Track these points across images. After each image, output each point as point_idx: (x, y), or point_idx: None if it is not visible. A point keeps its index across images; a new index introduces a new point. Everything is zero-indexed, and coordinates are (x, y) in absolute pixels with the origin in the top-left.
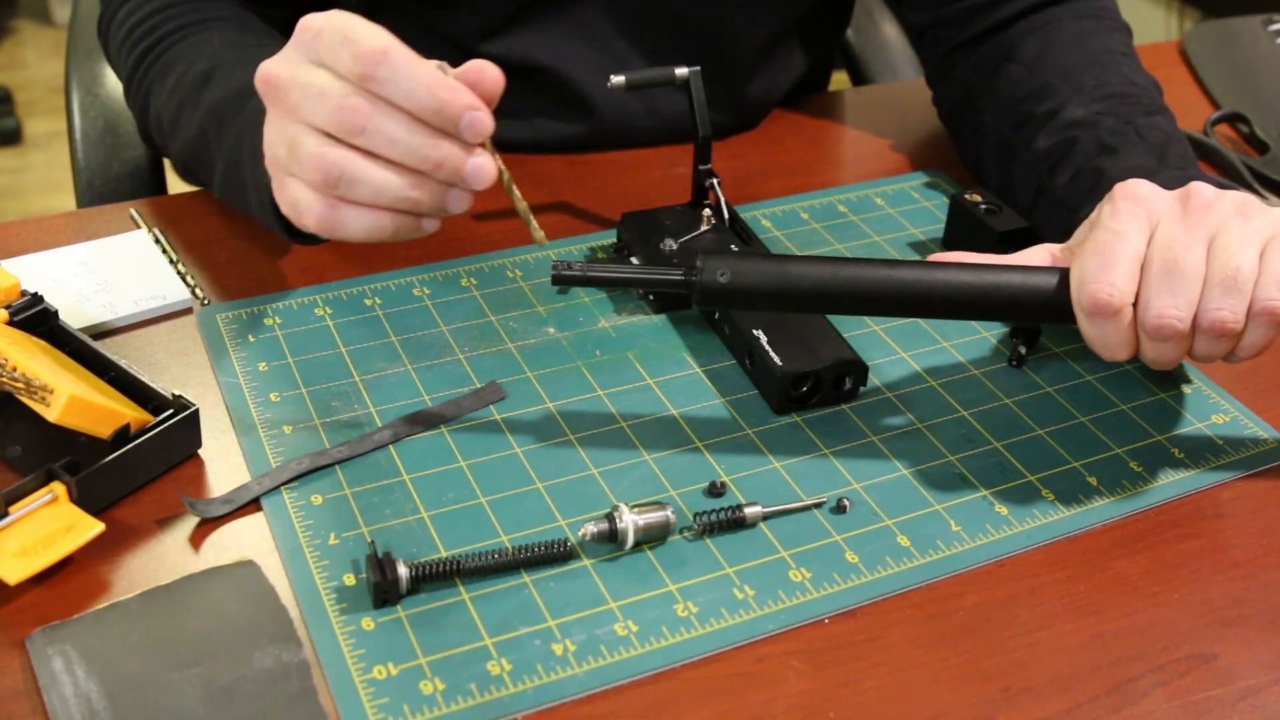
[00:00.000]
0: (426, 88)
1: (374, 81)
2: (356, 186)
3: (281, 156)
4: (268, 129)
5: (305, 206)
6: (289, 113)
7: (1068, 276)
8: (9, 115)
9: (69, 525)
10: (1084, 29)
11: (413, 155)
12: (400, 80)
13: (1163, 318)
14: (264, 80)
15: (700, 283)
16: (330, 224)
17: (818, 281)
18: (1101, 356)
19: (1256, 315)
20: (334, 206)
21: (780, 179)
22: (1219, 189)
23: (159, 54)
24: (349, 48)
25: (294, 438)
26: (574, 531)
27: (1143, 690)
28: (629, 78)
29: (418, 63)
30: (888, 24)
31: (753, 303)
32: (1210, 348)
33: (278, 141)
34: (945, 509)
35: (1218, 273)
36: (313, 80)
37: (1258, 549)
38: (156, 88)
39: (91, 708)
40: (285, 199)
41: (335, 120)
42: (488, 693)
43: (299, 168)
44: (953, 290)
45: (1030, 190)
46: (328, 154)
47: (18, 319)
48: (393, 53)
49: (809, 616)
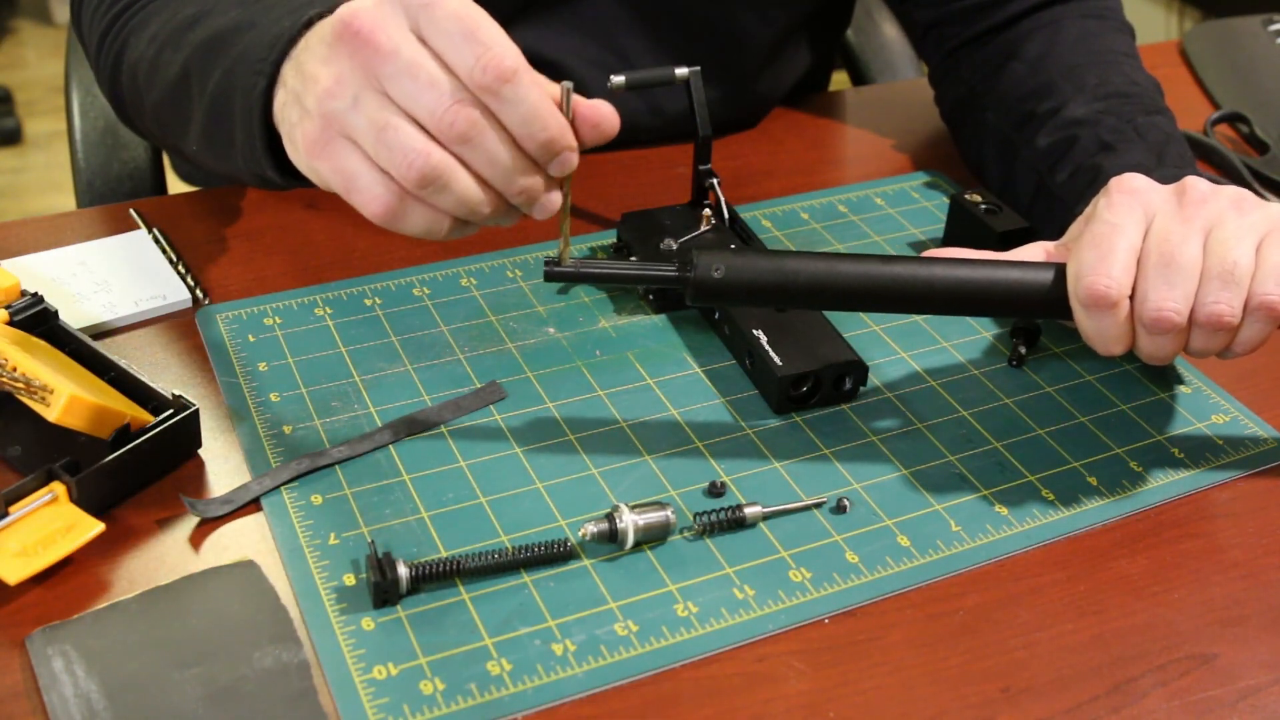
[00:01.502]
0: (543, 121)
1: (495, 98)
2: (443, 195)
3: (357, 125)
4: (333, 79)
5: (366, 188)
6: (378, 82)
7: (1064, 272)
8: (9, 115)
9: (69, 525)
10: (1088, 29)
11: (504, 179)
12: (521, 106)
13: (1160, 310)
14: (351, 28)
15: (695, 278)
16: (392, 216)
17: (814, 277)
18: (1098, 351)
19: (1253, 310)
20: (404, 200)
21: (780, 179)
22: (1215, 184)
23: (135, 11)
24: (475, 50)
25: (294, 438)
26: (574, 531)
27: (1143, 690)
28: (629, 78)
29: (542, 90)
30: (888, 24)
31: (748, 299)
32: (1206, 342)
33: (353, 107)
34: (945, 509)
35: (1215, 266)
36: (421, 63)
37: (1258, 549)
38: (133, 40)
39: (91, 708)
40: (335, 164)
41: (442, 122)
42: (488, 693)
43: (385, 153)
44: (950, 286)
45: (1030, 188)
46: (433, 155)
47: (18, 319)
48: (523, 74)
49: (809, 616)
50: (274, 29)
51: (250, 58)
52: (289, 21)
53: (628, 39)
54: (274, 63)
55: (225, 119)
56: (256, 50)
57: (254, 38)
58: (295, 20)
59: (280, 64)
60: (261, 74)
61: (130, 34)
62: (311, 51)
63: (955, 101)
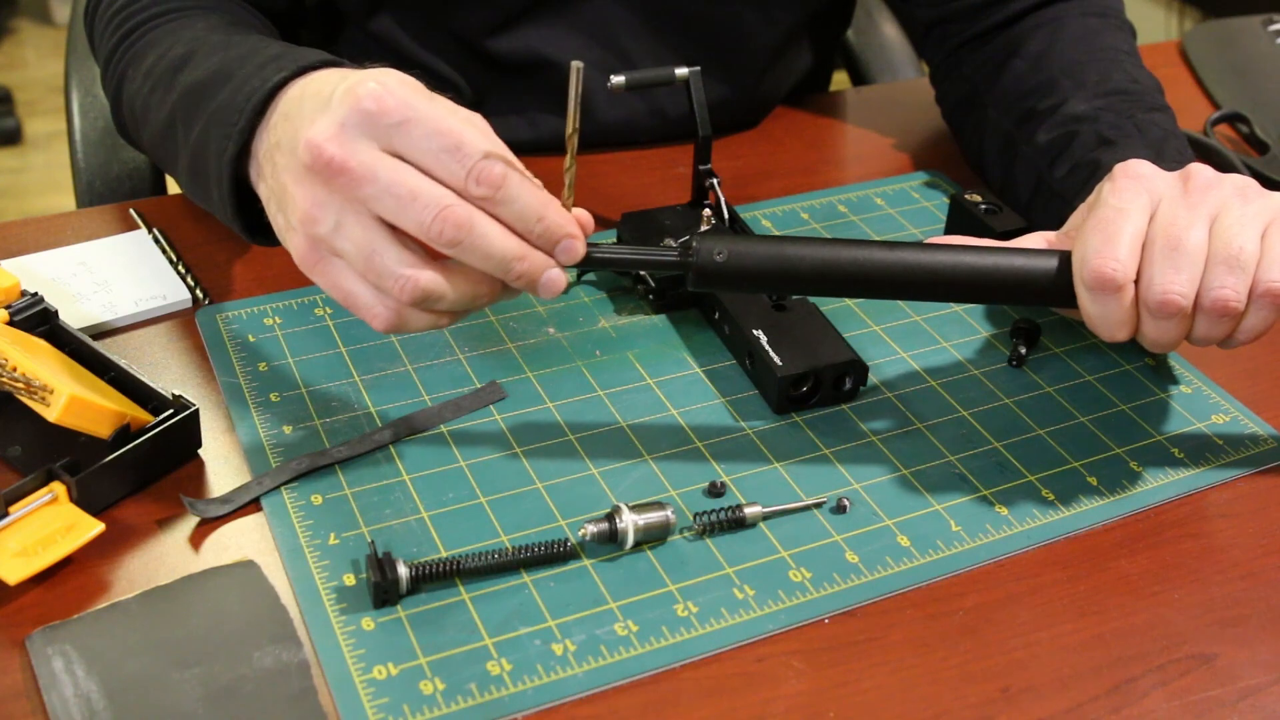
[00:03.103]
0: (537, 213)
1: (490, 204)
2: (441, 301)
3: (344, 249)
4: (311, 202)
5: (366, 306)
6: (357, 203)
7: (1068, 259)
8: (9, 115)
9: (69, 525)
10: (1089, 26)
11: (502, 268)
12: (516, 204)
13: (1167, 293)
14: (322, 159)
15: (697, 263)
16: (395, 328)
17: (817, 262)
18: (1101, 336)
19: (1259, 297)
20: (402, 313)
21: (780, 179)
22: (1218, 172)
23: (137, 38)
24: (459, 159)
25: (294, 438)
26: (574, 531)
27: (1143, 690)
28: (629, 78)
29: (534, 186)
30: (888, 24)
31: (750, 284)
32: (1211, 328)
33: (337, 232)
34: (945, 509)
35: (1220, 251)
36: (400, 180)
37: (1257, 549)
38: (131, 72)
39: (91, 707)
40: (330, 281)
41: (431, 231)
42: (488, 693)
43: (377, 278)
44: (954, 272)
45: (1030, 184)
46: (421, 279)
47: (18, 319)
48: (512, 176)
49: (809, 616)
50: (245, 88)
51: (222, 119)
52: (258, 82)
53: (629, 40)
54: (242, 130)
55: (203, 173)
56: (227, 113)
57: (228, 94)
58: (264, 83)
59: (251, 132)
60: (230, 139)
61: (130, 64)
62: (284, 155)
63: (957, 100)
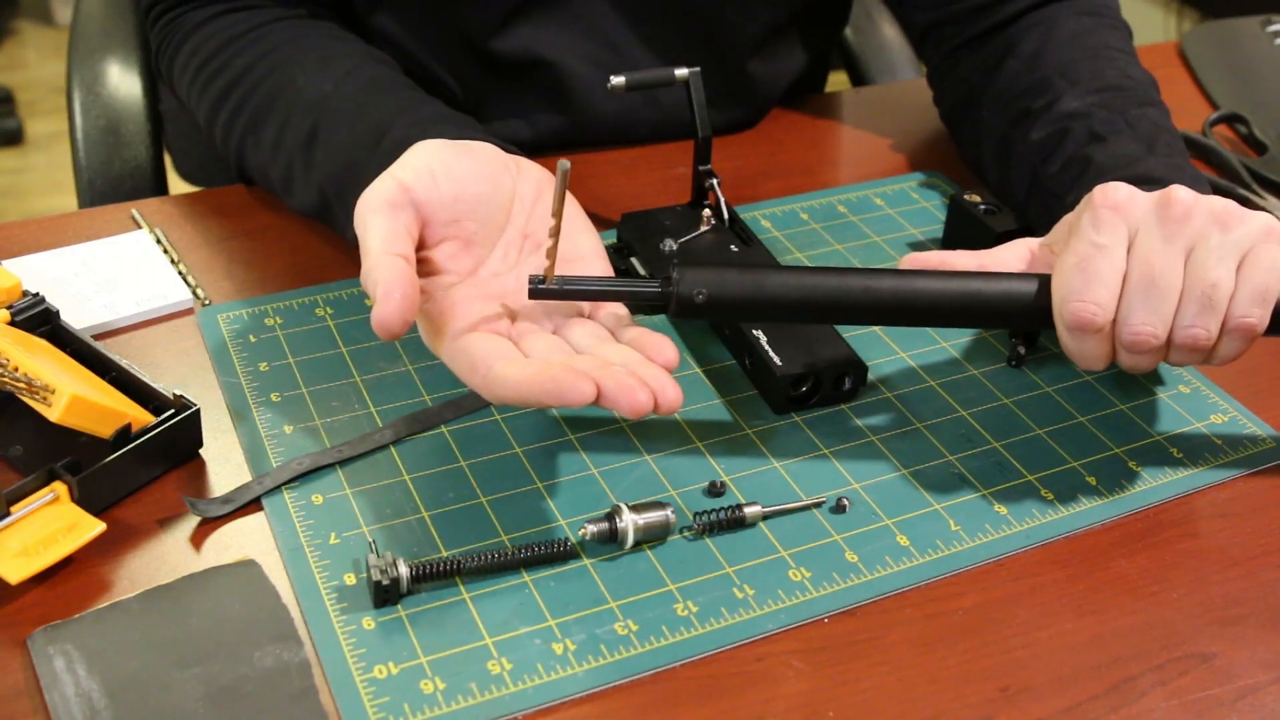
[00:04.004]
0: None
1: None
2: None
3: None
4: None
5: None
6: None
7: (1047, 284)
8: (10, 115)
9: (70, 525)
10: (1083, 25)
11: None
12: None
13: (1138, 335)
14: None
15: (677, 294)
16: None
17: (797, 295)
18: (1079, 367)
19: (1230, 331)
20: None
21: (780, 179)
22: (1198, 193)
23: (241, 101)
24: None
25: (294, 437)
26: (574, 531)
27: (1142, 690)
28: (629, 78)
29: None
30: (887, 24)
31: (732, 315)
32: (1185, 359)
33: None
34: (945, 509)
35: (1194, 288)
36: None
37: (1257, 549)
38: (250, 139)
39: (93, 707)
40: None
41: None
42: (488, 692)
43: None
44: (932, 301)
45: (1025, 182)
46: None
47: (19, 319)
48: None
49: (808, 616)
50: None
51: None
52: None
53: (620, 34)
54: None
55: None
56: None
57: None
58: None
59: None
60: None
61: (246, 134)
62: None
63: (954, 102)
